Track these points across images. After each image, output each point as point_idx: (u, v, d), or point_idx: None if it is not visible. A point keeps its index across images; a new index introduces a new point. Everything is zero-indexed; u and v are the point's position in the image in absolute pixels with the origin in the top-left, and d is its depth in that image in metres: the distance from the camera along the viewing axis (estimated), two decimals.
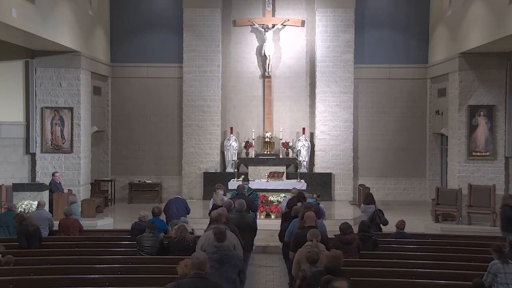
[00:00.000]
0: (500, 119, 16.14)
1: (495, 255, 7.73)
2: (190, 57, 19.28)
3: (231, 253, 7.13)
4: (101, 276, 8.35)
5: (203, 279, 5.70)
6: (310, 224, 8.23)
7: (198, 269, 5.70)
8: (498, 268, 7.55)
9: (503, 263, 7.58)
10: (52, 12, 14.47)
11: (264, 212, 15.55)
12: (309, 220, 8.31)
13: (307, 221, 8.34)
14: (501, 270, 7.53)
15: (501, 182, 16.03)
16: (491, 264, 7.67)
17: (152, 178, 19.62)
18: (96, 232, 12.71)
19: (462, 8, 15.89)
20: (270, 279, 10.75)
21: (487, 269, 7.73)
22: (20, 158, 16.69)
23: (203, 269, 5.73)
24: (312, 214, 8.48)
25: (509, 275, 7.47)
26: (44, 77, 16.62)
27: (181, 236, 9.21)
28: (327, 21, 19.09)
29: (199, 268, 5.70)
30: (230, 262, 6.97)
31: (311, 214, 8.46)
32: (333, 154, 19.10)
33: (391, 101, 19.75)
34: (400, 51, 19.66)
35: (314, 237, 7.52)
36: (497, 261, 7.65)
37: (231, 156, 19.07)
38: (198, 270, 5.70)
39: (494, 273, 7.57)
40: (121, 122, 19.95)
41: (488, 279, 7.60)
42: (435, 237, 11.99)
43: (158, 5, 19.89)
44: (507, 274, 7.49)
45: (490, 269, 7.64)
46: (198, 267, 5.70)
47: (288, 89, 19.80)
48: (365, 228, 10.06)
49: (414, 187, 19.67)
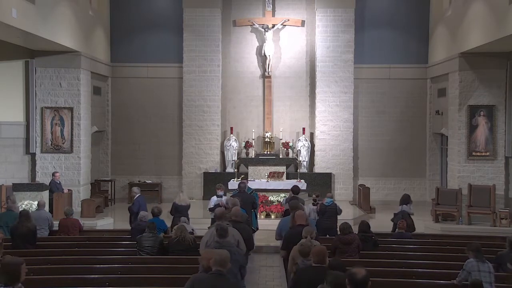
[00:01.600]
0: (500, 119, 16.13)
1: (472, 254, 7.85)
2: (190, 57, 19.29)
3: (232, 249, 7.29)
4: (101, 276, 8.35)
5: (223, 277, 5.80)
6: (300, 222, 8.40)
7: (220, 266, 5.80)
8: (473, 266, 7.70)
9: (479, 262, 7.72)
10: (52, 12, 14.47)
11: (264, 212, 15.55)
12: (299, 219, 8.50)
13: (297, 220, 8.52)
14: (475, 268, 7.66)
15: (501, 182, 16.03)
16: (467, 262, 7.82)
17: (152, 178, 19.62)
18: (96, 232, 12.71)
19: (462, 8, 15.89)
20: (270, 279, 10.74)
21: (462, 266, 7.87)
22: (20, 158, 16.69)
23: (225, 267, 5.83)
24: (302, 213, 8.69)
25: (483, 273, 7.61)
26: (44, 77, 16.62)
27: (181, 236, 9.21)
28: (327, 21, 19.10)
29: (221, 265, 5.80)
30: (232, 257, 7.02)
31: (301, 213, 8.67)
32: (333, 154, 19.10)
33: (391, 101, 19.75)
34: (400, 51, 19.67)
35: (309, 234, 7.71)
36: (472, 259, 7.79)
37: (231, 156, 19.07)
38: (220, 268, 5.79)
39: (468, 270, 7.71)
40: (121, 122, 19.96)
41: (463, 276, 7.76)
42: (435, 237, 11.99)
43: (158, 5, 19.89)
44: (481, 272, 7.63)
45: (465, 266, 7.79)
46: (220, 263, 5.80)
47: (288, 89, 19.80)
48: (365, 228, 10.07)
49: (414, 187, 19.66)
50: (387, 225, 13.74)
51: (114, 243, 10.74)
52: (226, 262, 5.86)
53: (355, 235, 9.37)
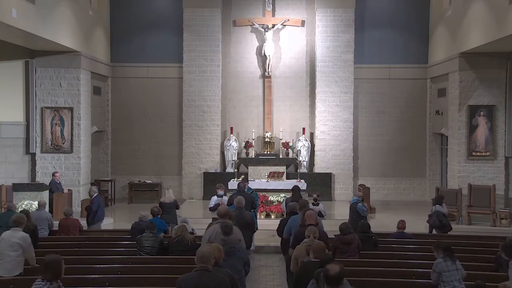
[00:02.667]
0: (500, 119, 16.13)
1: (439, 252, 7.79)
2: (190, 57, 19.29)
3: (237, 246, 7.55)
4: (101, 276, 8.35)
5: (208, 272, 5.75)
6: (310, 222, 8.49)
7: (202, 263, 5.78)
8: (442, 267, 7.63)
9: (446, 261, 7.65)
10: (52, 12, 14.47)
11: (264, 212, 15.55)
12: (309, 219, 8.58)
13: (307, 220, 8.60)
14: (445, 268, 7.61)
15: (501, 182, 16.03)
16: (435, 263, 7.75)
17: (152, 178, 19.62)
18: (96, 232, 12.69)
19: (462, 8, 15.89)
20: (270, 279, 10.74)
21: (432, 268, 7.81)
22: (20, 158, 16.70)
23: (207, 262, 5.78)
24: (312, 213, 8.79)
25: (453, 272, 7.57)
26: (44, 77, 16.62)
27: (181, 236, 9.22)
28: (327, 21, 19.09)
29: (203, 261, 5.77)
30: (236, 254, 7.40)
31: (311, 213, 8.78)
32: (333, 154, 19.10)
33: (391, 101, 19.76)
34: (400, 51, 19.67)
35: (311, 233, 7.81)
36: (440, 259, 7.73)
37: (231, 156, 19.07)
38: (203, 264, 5.77)
39: (439, 271, 7.64)
40: (121, 122, 19.96)
41: (434, 278, 7.70)
42: (435, 237, 11.97)
43: (158, 5, 19.89)
44: (451, 271, 7.58)
45: (435, 268, 7.72)
46: (202, 260, 5.78)
47: (288, 89, 19.80)
48: (365, 228, 10.06)
49: (414, 187, 19.68)
50: (387, 225, 13.75)
51: (114, 243, 10.74)
52: (209, 258, 5.82)
53: (355, 235, 9.36)
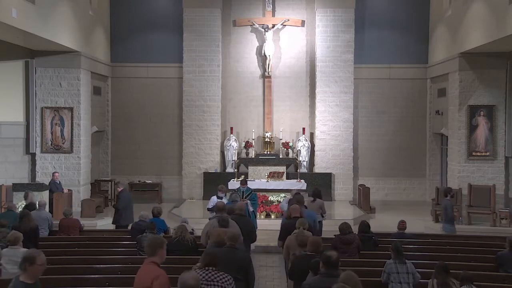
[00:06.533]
0: (500, 119, 16.14)
1: (392, 254, 7.84)
2: (190, 57, 19.29)
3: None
4: (101, 276, 8.34)
5: (235, 249, 6.99)
6: (295, 215, 9.44)
7: (232, 241, 7.00)
8: (391, 268, 7.69)
9: (397, 263, 7.70)
10: (52, 12, 14.47)
11: (264, 212, 15.55)
12: (293, 212, 9.56)
13: (292, 213, 9.59)
14: (394, 270, 7.67)
15: (501, 182, 16.04)
16: (386, 264, 7.82)
17: (152, 178, 19.62)
18: (96, 232, 12.69)
19: (462, 8, 15.89)
20: (270, 279, 10.74)
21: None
22: (20, 158, 16.69)
23: (235, 241, 7.01)
24: (296, 207, 9.77)
25: (402, 275, 7.61)
26: (44, 77, 16.62)
27: (181, 236, 9.21)
28: (327, 21, 19.09)
29: (232, 240, 7.01)
30: None
31: (295, 207, 9.77)
32: (333, 154, 19.10)
33: (391, 101, 19.76)
34: (400, 51, 19.67)
35: (302, 225, 8.54)
36: (391, 261, 7.78)
37: (231, 156, 19.06)
38: (232, 242, 7.00)
39: (388, 272, 7.71)
40: (121, 122, 19.96)
41: (384, 278, 7.78)
42: (435, 237, 11.98)
43: (158, 5, 19.89)
44: (400, 273, 7.63)
45: (385, 268, 7.80)
46: (232, 239, 7.02)
47: (288, 89, 19.80)
48: (365, 228, 10.06)
49: (414, 187, 19.68)
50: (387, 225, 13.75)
51: (114, 243, 10.74)
52: (237, 238, 7.09)
53: (355, 235, 9.37)
